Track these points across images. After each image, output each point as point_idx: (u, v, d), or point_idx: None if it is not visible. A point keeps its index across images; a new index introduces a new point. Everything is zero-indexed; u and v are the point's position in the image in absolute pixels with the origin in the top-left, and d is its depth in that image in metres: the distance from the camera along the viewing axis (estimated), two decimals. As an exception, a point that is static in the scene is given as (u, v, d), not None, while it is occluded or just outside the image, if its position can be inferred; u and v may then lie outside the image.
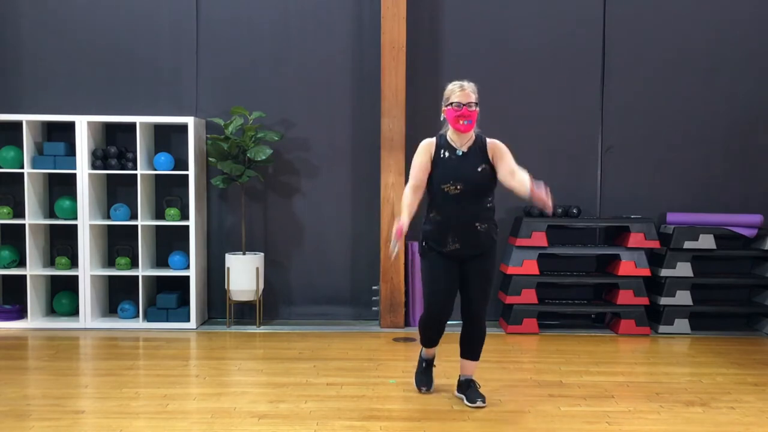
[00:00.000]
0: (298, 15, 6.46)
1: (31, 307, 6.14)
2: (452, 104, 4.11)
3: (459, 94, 4.10)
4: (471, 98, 4.10)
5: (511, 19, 6.46)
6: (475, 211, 4.13)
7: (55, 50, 6.43)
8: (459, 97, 4.09)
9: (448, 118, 4.18)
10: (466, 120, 4.10)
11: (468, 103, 4.09)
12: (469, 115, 4.10)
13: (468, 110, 4.09)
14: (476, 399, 4.25)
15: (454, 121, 4.13)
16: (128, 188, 6.42)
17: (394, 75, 6.15)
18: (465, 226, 4.12)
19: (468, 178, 4.10)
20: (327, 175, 6.53)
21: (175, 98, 6.46)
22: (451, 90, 4.15)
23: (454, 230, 4.12)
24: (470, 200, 4.11)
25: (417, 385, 4.51)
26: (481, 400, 4.25)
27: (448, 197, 4.11)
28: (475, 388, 4.34)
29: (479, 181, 4.12)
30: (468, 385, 4.36)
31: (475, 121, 4.16)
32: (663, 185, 6.51)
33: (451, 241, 4.14)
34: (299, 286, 6.59)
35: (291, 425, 3.90)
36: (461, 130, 4.14)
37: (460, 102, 4.09)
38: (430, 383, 4.51)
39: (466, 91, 4.11)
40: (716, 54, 6.48)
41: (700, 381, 4.78)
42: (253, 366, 5.08)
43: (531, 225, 6.13)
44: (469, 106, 4.09)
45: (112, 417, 4.00)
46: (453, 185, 4.09)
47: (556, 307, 6.22)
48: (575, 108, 6.50)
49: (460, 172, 4.11)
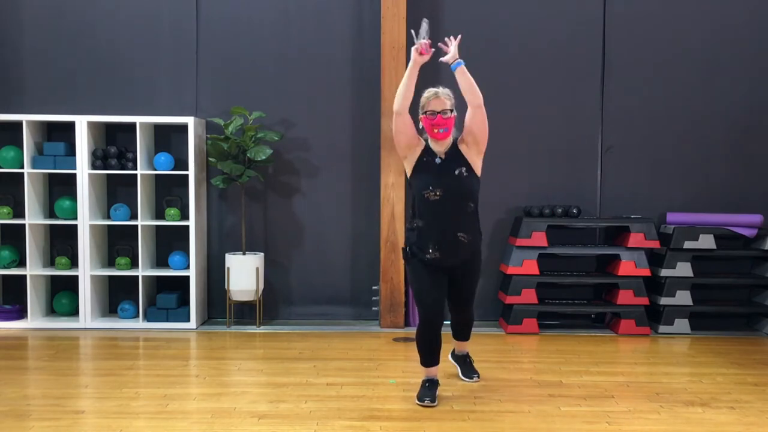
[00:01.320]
0: (298, 15, 6.46)
1: (31, 307, 6.14)
2: (427, 113, 4.09)
3: (434, 102, 4.07)
4: (446, 105, 4.07)
5: (511, 19, 6.46)
6: (456, 217, 4.12)
7: (55, 50, 6.43)
8: (433, 106, 4.07)
9: (424, 126, 4.15)
10: (442, 128, 4.08)
11: (443, 110, 4.06)
12: (443, 123, 4.07)
13: (443, 118, 4.06)
14: (472, 375, 4.56)
15: (430, 129, 4.11)
16: (128, 188, 6.42)
17: (394, 75, 6.15)
18: (446, 235, 4.11)
19: (447, 184, 4.10)
20: (327, 175, 6.53)
21: (175, 98, 6.46)
22: (426, 98, 4.12)
23: (434, 238, 4.11)
24: (451, 206, 4.11)
25: (420, 398, 4.24)
26: (476, 375, 4.51)
27: (429, 203, 4.11)
28: (470, 363, 4.60)
29: (458, 184, 4.12)
30: (464, 360, 4.62)
31: (452, 127, 4.13)
32: (663, 185, 6.52)
33: (432, 250, 4.13)
34: (299, 286, 6.59)
35: (291, 425, 3.90)
36: (438, 138, 4.13)
37: (434, 110, 4.06)
38: (435, 396, 4.25)
39: (440, 99, 4.08)
40: (716, 54, 6.48)
41: (700, 381, 4.78)
42: (253, 366, 5.08)
43: (531, 225, 6.13)
44: (444, 114, 4.06)
45: (112, 417, 4.00)
46: (432, 191, 4.10)
47: (556, 307, 6.22)
48: (575, 108, 6.50)
49: (439, 179, 4.11)
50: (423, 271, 4.20)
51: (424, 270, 4.20)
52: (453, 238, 4.12)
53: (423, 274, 4.20)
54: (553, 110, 6.49)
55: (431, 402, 4.22)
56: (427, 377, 4.35)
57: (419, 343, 4.29)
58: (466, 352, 4.74)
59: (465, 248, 4.17)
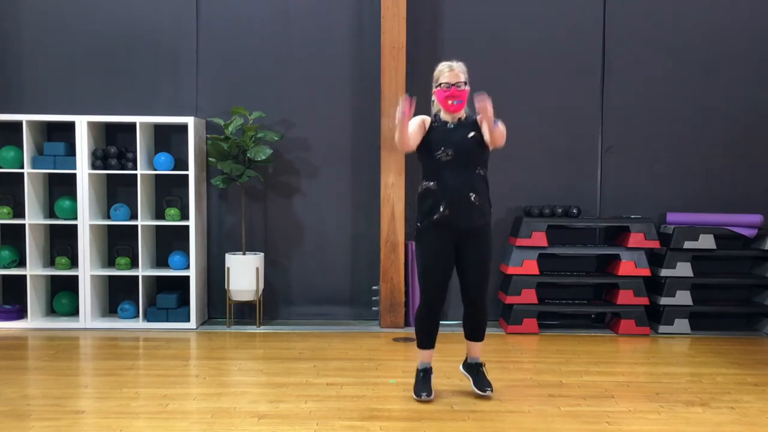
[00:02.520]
0: (298, 15, 6.46)
1: (31, 307, 6.14)
2: (441, 85, 4.17)
3: (448, 74, 4.16)
4: (460, 78, 4.16)
5: (511, 19, 6.46)
6: (468, 179, 4.16)
7: (55, 50, 6.43)
8: (448, 78, 4.15)
9: (438, 98, 4.24)
10: (456, 100, 4.16)
11: (457, 83, 4.15)
12: (458, 95, 4.16)
13: (457, 90, 4.15)
14: (485, 388, 4.33)
15: (444, 101, 4.19)
16: (128, 188, 6.42)
17: (394, 75, 6.15)
18: (459, 194, 4.14)
19: (458, 144, 4.15)
20: (327, 175, 6.53)
21: (175, 98, 6.46)
22: (440, 71, 4.21)
23: (446, 197, 4.14)
24: (462, 167, 4.15)
25: (416, 393, 4.32)
26: (489, 389, 4.32)
27: (441, 164, 4.15)
28: (483, 374, 4.40)
29: (470, 146, 4.16)
30: (477, 369, 4.42)
31: (465, 100, 4.20)
32: (663, 185, 6.52)
33: (442, 208, 4.14)
34: (299, 286, 6.59)
35: (291, 425, 3.90)
36: (451, 110, 4.20)
37: (449, 82, 4.15)
38: (430, 390, 4.32)
39: (455, 71, 4.16)
40: (716, 54, 6.48)
41: (700, 381, 4.78)
42: (253, 366, 5.08)
43: (531, 225, 6.13)
44: (458, 86, 4.15)
45: (112, 417, 4.00)
46: (444, 152, 4.14)
47: (556, 307, 6.22)
48: (575, 108, 6.50)
49: (451, 139, 4.16)
50: (431, 248, 4.20)
51: (432, 246, 4.19)
52: (465, 198, 4.14)
53: (430, 251, 4.20)
54: (553, 110, 6.49)
55: (428, 396, 4.28)
56: (422, 365, 4.41)
57: (417, 324, 4.35)
58: (480, 360, 4.47)
59: (476, 211, 4.18)
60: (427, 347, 4.39)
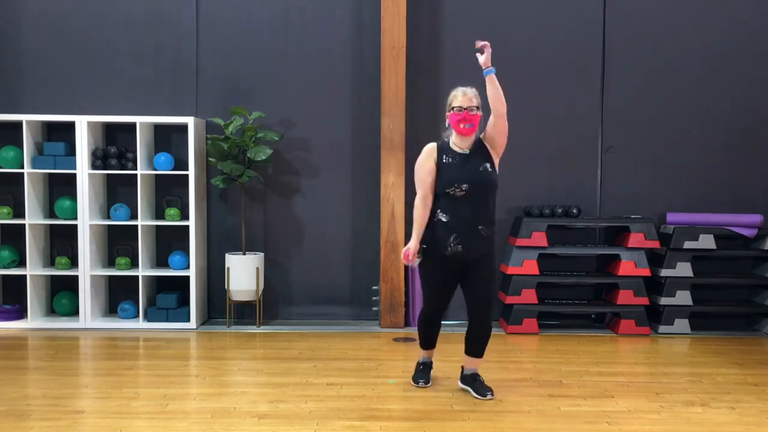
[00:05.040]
0: (298, 15, 6.46)
1: (31, 307, 6.14)
2: (454, 108, 4.26)
3: (461, 98, 4.26)
4: (473, 102, 4.25)
5: (511, 19, 6.46)
6: (479, 212, 4.23)
7: (55, 50, 6.43)
8: (461, 102, 4.25)
9: (450, 122, 4.32)
10: (468, 124, 4.24)
11: (469, 107, 4.24)
12: (470, 119, 4.24)
13: (469, 114, 4.23)
14: (486, 392, 4.38)
15: (456, 125, 4.27)
16: (128, 188, 6.42)
17: (394, 75, 6.15)
18: (469, 229, 4.22)
19: (472, 178, 4.21)
20: (327, 175, 6.53)
21: (175, 98, 6.46)
22: (453, 95, 4.32)
23: (457, 232, 4.21)
24: (476, 201, 4.22)
25: (414, 380, 4.61)
26: (490, 393, 4.38)
27: (454, 200, 4.22)
28: (481, 381, 4.46)
29: (483, 179, 4.22)
30: (474, 378, 4.49)
31: (477, 125, 4.28)
32: (663, 185, 6.52)
33: (453, 243, 4.21)
34: (299, 286, 6.59)
35: (291, 425, 3.90)
36: (463, 134, 4.28)
37: (462, 106, 4.24)
38: (428, 378, 4.64)
39: (468, 96, 4.26)
40: (716, 54, 6.48)
41: (700, 381, 4.78)
42: (253, 366, 5.08)
43: (531, 225, 6.13)
44: (471, 110, 4.23)
45: (112, 417, 4.00)
46: (458, 187, 4.20)
47: (556, 307, 6.22)
48: (575, 108, 6.50)
49: (464, 173, 4.22)
50: (437, 270, 4.32)
51: (438, 269, 4.31)
52: (475, 232, 4.22)
53: (436, 273, 4.33)
54: (553, 110, 6.49)
55: (425, 383, 4.58)
56: (423, 359, 4.71)
57: (420, 329, 4.59)
58: (476, 371, 4.49)
59: (485, 241, 4.27)
60: (429, 348, 4.69)
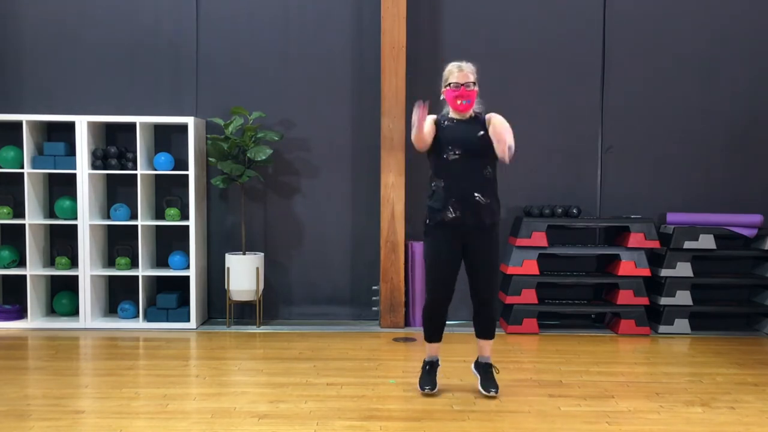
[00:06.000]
0: (298, 15, 6.46)
1: (31, 307, 6.14)
2: (450, 84, 4.23)
3: (457, 74, 4.22)
4: (469, 78, 4.21)
5: (511, 19, 6.46)
6: (474, 179, 4.19)
7: (55, 50, 6.43)
8: (457, 78, 4.21)
9: (447, 98, 4.30)
10: (465, 100, 4.22)
11: (466, 83, 4.20)
12: (467, 95, 4.21)
13: (466, 90, 4.21)
14: (490, 388, 4.37)
15: (453, 101, 4.25)
16: (128, 188, 6.42)
17: (394, 75, 6.15)
18: (464, 195, 4.18)
19: (465, 143, 4.19)
20: (327, 175, 6.53)
21: (175, 98, 6.46)
22: (450, 71, 4.27)
23: (454, 198, 4.18)
24: (469, 166, 4.18)
25: (421, 386, 4.45)
26: (494, 390, 4.36)
27: (448, 164, 4.20)
28: (491, 375, 4.45)
29: (477, 145, 4.19)
30: (486, 369, 4.47)
31: (474, 100, 4.27)
32: (663, 185, 6.52)
33: (452, 210, 4.19)
34: (299, 286, 6.59)
35: (291, 425, 3.90)
36: (460, 110, 4.26)
37: (458, 82, 4.21)
38: (434, 384, 4.45)
39: (464, 72, 4.22)
40: (716, 54, 6.48)
41: (700, 381, 4.78)
42: (253, 366, 5.08)
43: (531, 225, 6.13)
44: (467, 86, 4.21)
45: (112, 417, 4.00)
46: (452, 150, 4.18)
47: (556, 307, 6.22)
48: (575, 108, 6.50)
49: (458, 137, 4.21)
50: (438, 246, 4.26)
51: (439, 244, 4.25)
52: (471, 197, 4.18)
53: (438, 248, 4.26)
54: (553, 110, 6.49)
55: (431, 390, 4.41)
56: (428, 357, 4.53)
57: (424, 319, 4.45)
58: (490, 361, 4.52)
59: (484, 210, 4.21)
60: (434, 340, 4.50)
